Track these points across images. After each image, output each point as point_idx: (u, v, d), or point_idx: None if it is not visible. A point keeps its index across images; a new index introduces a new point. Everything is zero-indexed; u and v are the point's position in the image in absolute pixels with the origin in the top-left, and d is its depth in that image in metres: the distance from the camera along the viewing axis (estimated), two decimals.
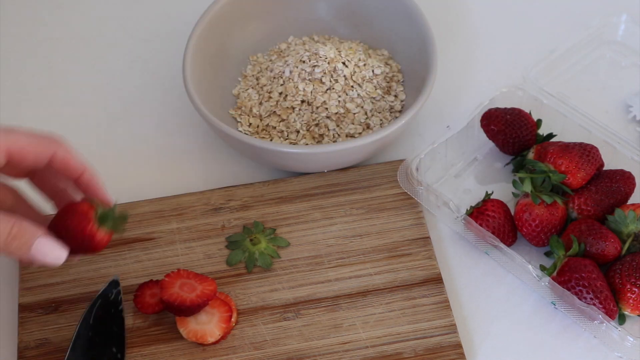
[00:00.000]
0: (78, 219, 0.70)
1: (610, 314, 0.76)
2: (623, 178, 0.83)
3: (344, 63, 0.91)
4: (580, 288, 0.76)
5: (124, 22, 1.04)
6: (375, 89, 0.91)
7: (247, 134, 0.90)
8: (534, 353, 0.78)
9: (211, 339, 0.76)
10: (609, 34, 0.98)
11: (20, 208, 0.76)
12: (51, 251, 0.70)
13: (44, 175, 0.76)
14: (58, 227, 0.71)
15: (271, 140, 0.90)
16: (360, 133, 0.90)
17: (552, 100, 0.89)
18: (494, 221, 0.82)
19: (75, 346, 0.76)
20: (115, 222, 0.72)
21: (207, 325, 0.76)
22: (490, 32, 1.02)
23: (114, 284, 0.79)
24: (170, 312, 0.77)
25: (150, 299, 0.78)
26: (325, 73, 0.90)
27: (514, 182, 0.84)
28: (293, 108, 0.90)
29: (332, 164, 0.87)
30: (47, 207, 0.77)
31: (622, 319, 0.78)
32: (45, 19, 1.05)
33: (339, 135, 0.89)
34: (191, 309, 0.75)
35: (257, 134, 0.91)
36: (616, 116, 0.93)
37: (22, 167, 0.73)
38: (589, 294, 0.76)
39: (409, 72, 0.94)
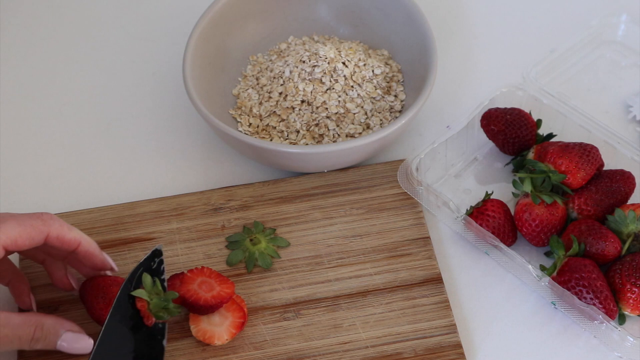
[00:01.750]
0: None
1: (610, 314, 0.76)
2: (623, 178, 0.83)
3: (344, 63, 0.91)
4: (580, 288, 0.76)
5: (124, 22, 1.04)
6: (375, 89, 0.91)
7: (247, 134, 0.90)
8: (534, 353, 0.78)
9: (218, 342, 0.76)
10: (609, 34, 0.98)
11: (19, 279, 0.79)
12: (76, 343, 0.74)
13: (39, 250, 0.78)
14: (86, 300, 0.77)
15: (271, 140, 0.90)
16: (360, 133, 0.90)
17: (552, 100, 0.89)
18: (494, 221, 0.82)
19: (114, 313, 0.74)
20: (171, 311, 0.75)
21: (217, 327, 0.76)
22: (490, 32, 1.02)
23: (157, 252, 0.77)
24: (184, 307, 0.77)
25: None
26: (325, 73, 0.90)
27: (514, 182, 0.84)
28: (293, 108, 0.90)
29: (332, 164, 0.87)
30: None
31: (622, 319, 0.78)
32: (45, 19, 1.05)
33: (339, 135, 0.89)
34: (204, 308, 0.75)
35: (257, 134, 0.91)
36: (616, 116, 0.93)
37: (20, 252, 0.75)
38: (589, 294, 0.76)
39: (409, 72, 0.94)
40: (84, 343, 0.73)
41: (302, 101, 0.90)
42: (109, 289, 0.76)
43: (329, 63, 0.90)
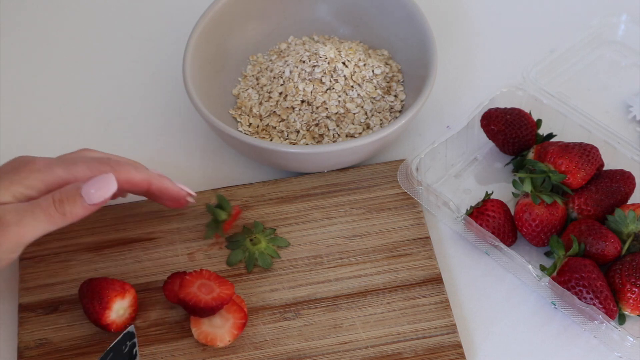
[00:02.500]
0: None
1: (610, 314, 0.76)
2: (623, 178, 0.83)
3: (344, 63, 0.91)
4: (580, 288, 0.76)
5: (124, 22, 1.04)
6: (375, 89, 0.91)
7: (247, 134, 0.90)
8: (534, 353, 0.78)
9: (220, 344, 0.76)
10: (609, 34, 0.98)
11: None
12: (100, 185, 0.72)
13: None
14: None
15: (271, 140, 0.90)
16: (360, 133, 0.90)
17: (552, 100, 0.89)
18: (494, 221, 0.82)
19: None
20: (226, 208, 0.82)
21: (219, 329, 0.76)
22: (490, 32, 1.02)
23: (129, 335, 0.71)
24: (185, 310, 0.77)
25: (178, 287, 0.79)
26: (325, 73, 0.90)
27: (514, 182, 0.84)
28: (293, 108, 0.90)
29: (332, 164, 0.87)
30: None
31: (622, 319, 0.78)
32: (45, 19, 1.05)
33: (339, 135, 0.89)
34: (205, 311, 0.75)
35: (257, 134, 0.91)
36: (616, 116, 0.93)
37: None
38: (589, 294, 0.76)
39: (409, 72, 0.94)
40: (106, 180, 0.73)
41: (302, 101, 0.90)
42: (104, 292, 0.76)
43: (329, 63, 0.90)
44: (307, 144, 0.89)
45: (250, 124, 0.91)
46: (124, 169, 0.75)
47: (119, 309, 0.77)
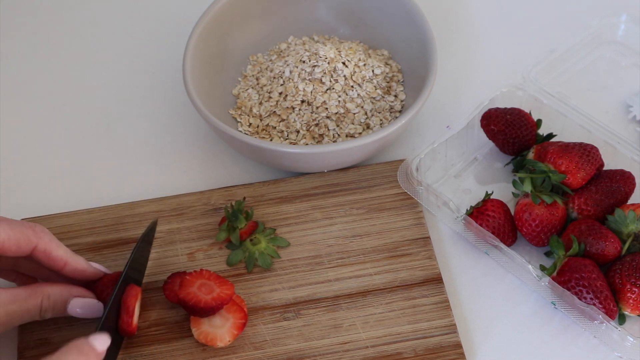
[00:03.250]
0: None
1: (610, 314, 0.76)
2: (623, 178, 0.83)
3: (344, 63, 0.91)
4: (580, 288, 0.76)
5: (124, 22, 1.04)
6: (375, 89, 0.91)
7: (247, 134, 0.90)
8: (534, 353, 0.78)
9: (220, 344, 0.76)
10: (609, 34, 0.98)
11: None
12: (85, 308, 0.75)
13: (24, 265, 0.78)
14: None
15: (271, 140, 0.90)
16: (360, 133, 0.90)
17: (552, 100, 0.89)
18: (494, 221, 0.82)
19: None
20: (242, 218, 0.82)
21: (219, 329, 0.76)
22: (490, 32, 1.02)
23: (154, 225, 0.81)
24: (185, 310, 0.77)
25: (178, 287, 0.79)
26: (325, 73, 0.90)
27: (514, 182, 0.84)
28: (293, 108, 0.90)
29: (332, 164, 0.87)
30: None
31: (622, 319, 0.78)
32: (45, 19, 1.05)
33: (339, 135, 0.89)
34: (205, 311, 0.75)
35: (257, 134, 0.91)
36: (616, 116, 0.93)
37: (4, 257, 0.75)
38: (589, 294, 0.76)
39: (409, 72, 0.94)
40: (94, 307, 0.74)
41: (302, 101, 0.90)
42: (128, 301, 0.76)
43: (329, 63, 0.90)
44: (307, 144, 0.89)
45: (250, 124, 0.92)
46: (48, 238, 0.75)
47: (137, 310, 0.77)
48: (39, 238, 0.74)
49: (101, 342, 0.68)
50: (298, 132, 0.90)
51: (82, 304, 0.75)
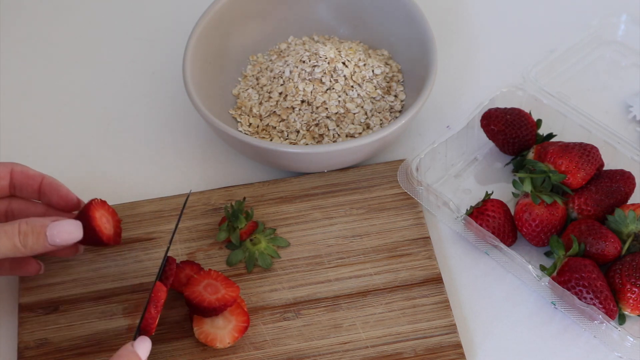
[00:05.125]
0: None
1: (610, 314, 0.76)
2: (623, 178, 0.83)
3: (344, 63, 0.91)
4: (580, 288, 0.76)
5: (124, 22, 1.04)
6: (375, 89, 0.91)
7: (247, 134, 0.90)
8: (534, 353, 0.78)
9: (220, 345, 0.76)
10: (609, 34, 0.98)
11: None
12: (66, 229, 0.74)
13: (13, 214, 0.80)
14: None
15: (271, 140, 0.90)
16: (360, 133, 0.90)
17: (552, 100, 0.89)
18: (494, 221, 0.82)
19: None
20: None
21: (220, 330, 0.76)
22: (490, 32, 1.02)
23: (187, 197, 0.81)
24: (189, 308, 0.77)
25: (183, 278, 0.79)
26: (325, 73, 0.90)
27: (514, 182, 0.84)
28: (293, 108, 0.90)
29: (332, 164, 0.87)
30: None
31: (622, 319, 0.78)
32: (45, 19, 1.05)
33: (339, 135, 0.89)
34: (208, 311, 0.75)
35: (257, 134, 0.91)
36: (616, 116, 0.93)
37: None
38: (589, 294, 0.76)
39: (409, 72, 0.94)
40: (73, 225, 0.74)
41: (302, 101, 0.90)
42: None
43: (329, 63, 0.90)
44: (307, 144, 0.89)
45: (250, 124, 0.92)
46: (21, 165, 0.79)
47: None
48: (13, 164, 0.79)
49: (144, 348, 0.71)
50: (298, 132, 0.90)
51: (61, 224, 0.74)
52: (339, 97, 0.90)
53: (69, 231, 0.74)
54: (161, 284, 0.74)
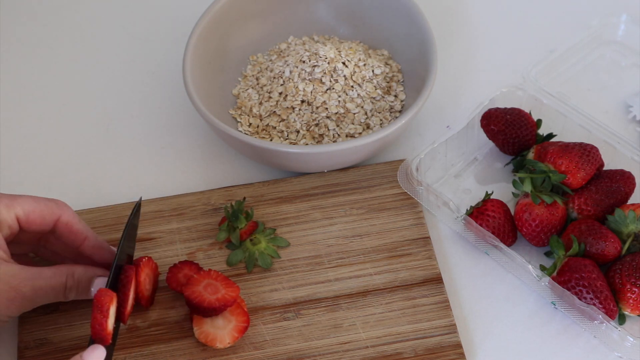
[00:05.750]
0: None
1: (610, 314, 0.76)
2: (623, 178, 0.83)
3: (344, 63, 0.91)
4: (580, 288, 0.76)
5: (124, 22, 1.04)
6: (375, 89, 0.91)
7: (247, 134, 0.90)
8: (534, 353, 0.78)
9: (220, 345, 0.76)
10: (609, 34, 0.98)
11: None
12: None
13: (47, 244, 0.79)
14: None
15: (271, 140, 0.90)
16: (360, 133, 0.90)
17: (552, 100, 0.89)
18: (494, 221, 0.82)
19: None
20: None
21: (220, 330, 0.76)
22: (490, 32, 1.02)
23: (138, 205, 0.78)
24: (189, 308, 0.77)
25: (182, 278, 0.79)
26: (325, 73, 0.90)
27: (514, 182, 0.84)
28: (293, 108, 0.90)
29: (332, 164, 0.87)
30: None
31: (622, 319, 0.78)
32: (45, 19, 1.05)
33: (339, 135, 0.89)
34: (208, 311, 0.75)
35: (257, 134, 0.91)
36: (616, 116, 0.93)
37: (29, 232, 0.75)
38: (589, 294, 0.76)
39: (409, 72, 0.94)
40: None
41: (302, 101, 0.90)
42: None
43: (329, 63, 0.90)
44: (307, 144, 0.89)
45: (250, 124, 0.92)
46: (70, 212, 0.76)
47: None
48: (62, 210, 0.75)
49: (94, 357, 0.69)
50: (298, 132, 0.90)
51: (105, 283, 0.74)
52: (339, 97, 0.90)
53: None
54: (108, 290, 0.71)
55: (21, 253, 0.78)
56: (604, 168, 0.84)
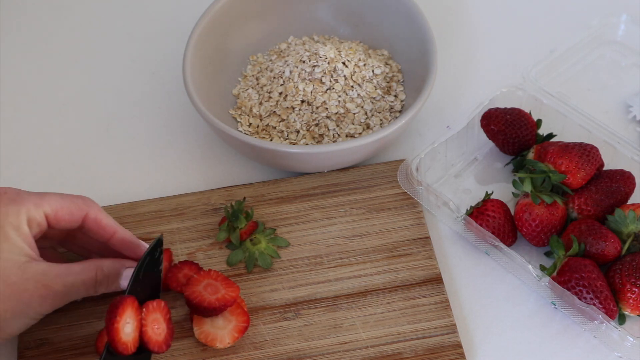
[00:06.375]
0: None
1: (610, 314, 0.76)
2: (623, 178, 0.83)
3: (344, 63, 0.91)
4: (580, 288, 0.76)
5: (124, 22, 1.04)
6: (375, 89, 0.91)
7: (247, 134, 0.90)
8: (534, 353, 0.78)
9: (220, 345, 0.76)
10: (609, 34, 0.98)
11: None
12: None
13: (75, 239, 0.79)
14: None
15: (271, 140, 0.90)
16: (360, 133, 0.90)
17: (552, 100, 0.89)
18: (494, 221, 0.82)
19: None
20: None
21: (220, 330, 0.76)
22: (490, 32, 1.02)
23: (159, 242, 0.76)
24: (189, 308, 0.77)
25: (182, 278, 0.79)
26: (325, 73, 0.90)
27: (514, 182, 0.84)
28: (293, 108, 0.90)
29: (332, 164, 0.87)
30: None
31: (622, 319, 0.78)
32: (45, 19, 1.05)
33: (339, 135, 0.89)
34: (208, 311, 0.75)
35: (257, 134, 0.91)
36: (616, 116, 0.93)
37: (57, 229, 0.75)
38: (589, 294, 0.76)
39: (409, 72, 0.94)
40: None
41: (302, 101, 0.90)
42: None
43: (329, 63, 0.90)
44: (307, 144, 0.89)
45: (250, 124, 0.92)
46: (97, 208, 0.76)
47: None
48: (89, 206, 0.75)
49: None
50: (298, 132, 0.90)
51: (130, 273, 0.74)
52: (339, 97, 0.90)
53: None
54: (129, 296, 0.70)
55: (49, 247, 0.78)
56: (604, 168, 0.84)
